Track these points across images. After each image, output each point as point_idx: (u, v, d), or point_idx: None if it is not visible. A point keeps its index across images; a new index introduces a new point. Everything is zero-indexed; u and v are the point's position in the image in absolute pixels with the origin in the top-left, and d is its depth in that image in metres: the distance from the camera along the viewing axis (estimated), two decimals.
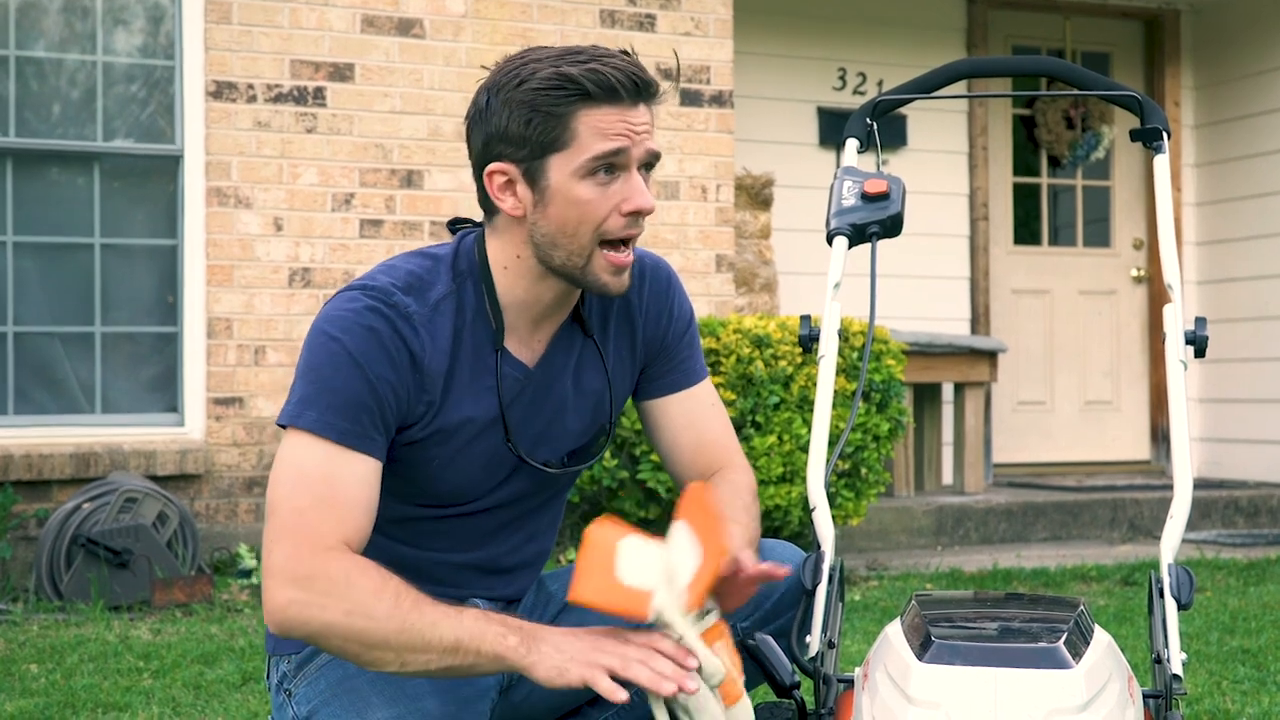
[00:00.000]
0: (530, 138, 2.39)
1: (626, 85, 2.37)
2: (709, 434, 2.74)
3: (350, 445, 2.36)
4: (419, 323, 2.43)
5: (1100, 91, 2.87)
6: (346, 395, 2.36)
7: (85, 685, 4.58)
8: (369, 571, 2.27)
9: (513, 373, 2.54)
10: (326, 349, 2.39)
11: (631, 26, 7.68)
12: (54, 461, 6.63)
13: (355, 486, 2.35)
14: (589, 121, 2.37)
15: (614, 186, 2.40)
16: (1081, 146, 10.06)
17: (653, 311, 2.69)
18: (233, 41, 7.03)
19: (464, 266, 2.52)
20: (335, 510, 2.32)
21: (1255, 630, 5.44)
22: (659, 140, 7.58)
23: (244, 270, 7.03)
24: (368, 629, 2.24)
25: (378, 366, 2.37)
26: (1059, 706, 1.94)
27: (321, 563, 2.27)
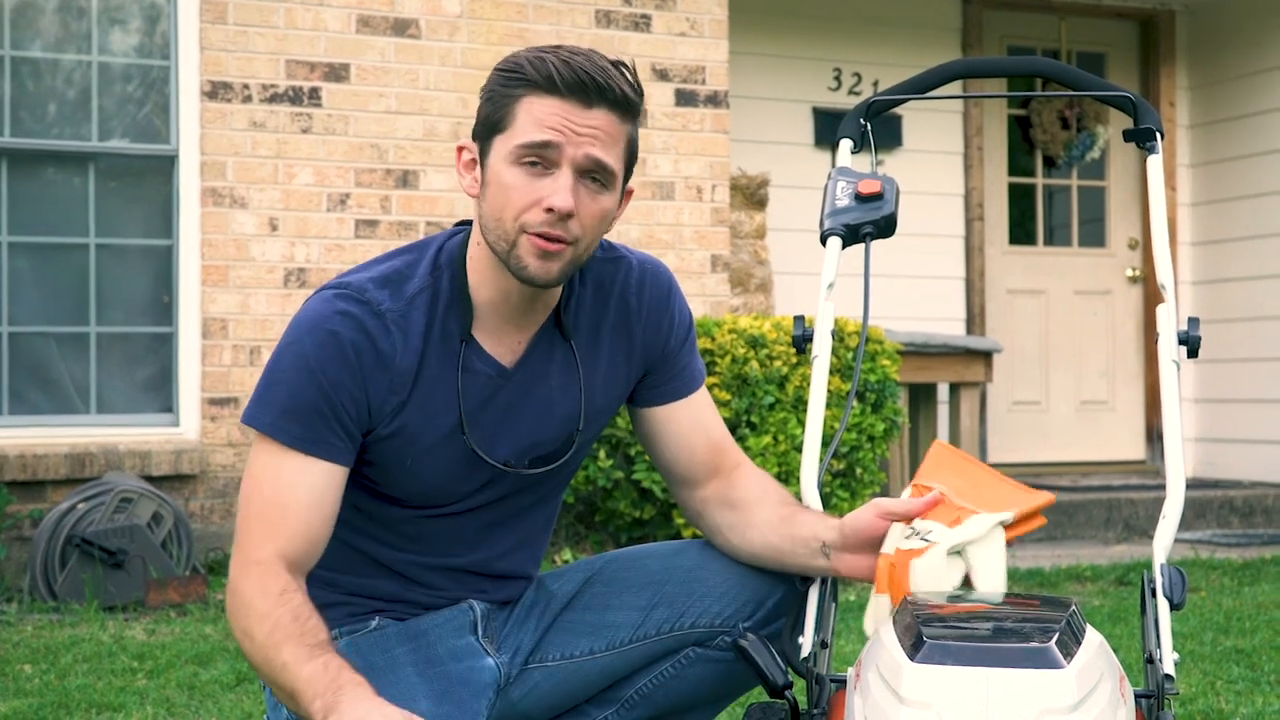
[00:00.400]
0: (485, 117, 2.44)
1: (569, 80, 2.36)
2: (716, 434, 2.74)
3: (303, 450, 2.40)
4: (391, 320, 2.44)
5: (1094, 92, 2.87)
6: (299, 400, 2.39)
7: (79, 685, 4.58)
8: (268, 595, 2.33)
9: (485, 369, 2.53)
10: (288, 351, 2.43)
11: (627, 27, 7.68)
12: (49, 462, 6.62)
13: (302, 492, 2.39)
14: (528, 108, 2.38)
15: (542, 181, 2.38)
16: (1077, 147, 10.06)
17: (652, 319, 2.66)
18: (228, 41, 7.03)
19: (444, 259, 2.53)
20: (273, 520, 2.38)
21: (1249, 630, 5.44)
22: (654, 140, 7.62)
23: (239, 270, 7.02)
24: (250, 652, 2.35)
25: (333, 372, 2.39)
26: (1051, 706, 1.94)
27: (242, 577, 2.37)
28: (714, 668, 2.67)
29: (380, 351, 2.42)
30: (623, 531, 6.65)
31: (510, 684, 2.69)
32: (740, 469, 2.73)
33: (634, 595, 2.63)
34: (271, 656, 2.29)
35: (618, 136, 2.43)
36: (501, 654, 2.69)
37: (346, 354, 2.40)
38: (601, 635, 2.67)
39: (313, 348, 2.40)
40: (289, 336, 2.44)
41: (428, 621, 2.64)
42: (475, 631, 2.67)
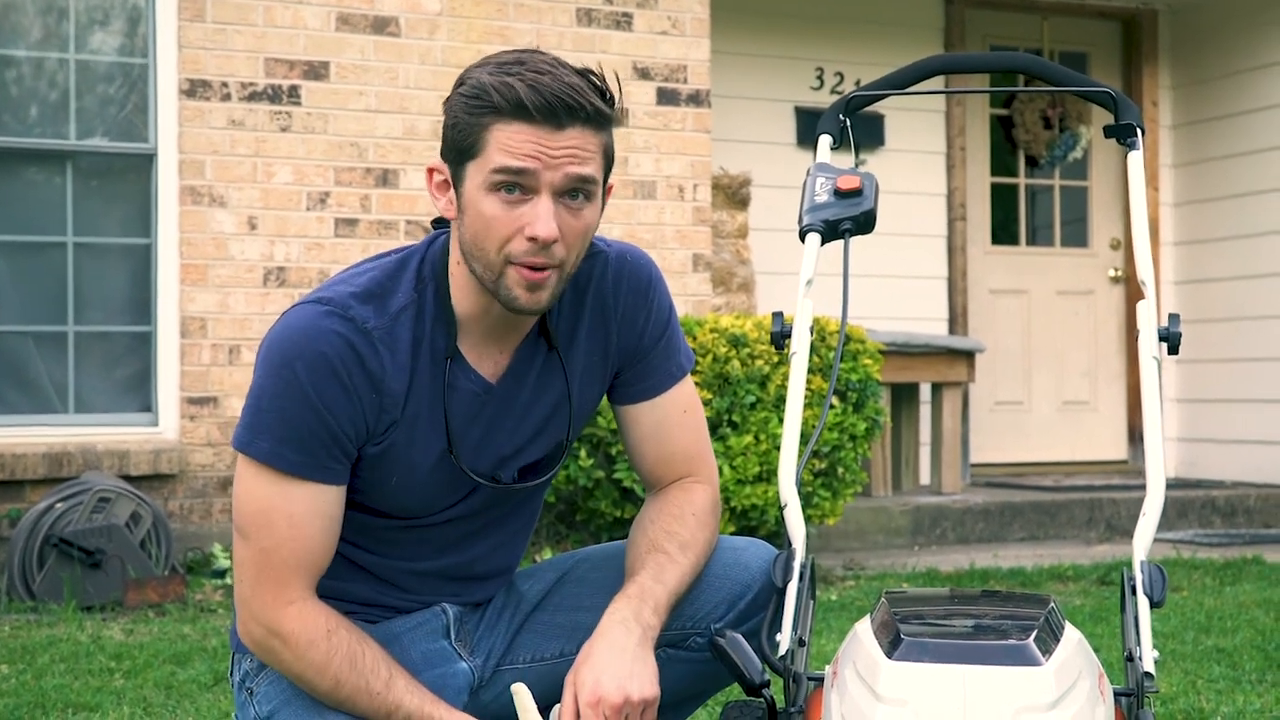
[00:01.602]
0: (453, 142, 2.38)
1: (538, 105, 2.29)
2: (674, 445, 2.68)
3: (306, 477, 2.37)
4: (378, 338, 2.39)
5: (1074, 88, 2.86)
6: (298, 426, 2.36)
7: (56, 685, 4.55)
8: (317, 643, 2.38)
9: (470, 386, 2.50)
10: (279, 375, 2.36)
11: (608, 25, 7.66)
12: (27, 461, 6.59)
13: (314, 520, 2.39)
14: (498, 136, 2.32)
15: (522, 208, 2.33)
16: (1059, 147, 10.07)
17: (629, 316, 2.62)
18: (206, 39, 7.00)
19: (427, 272, 2.48)
20: (296, 552, 2.38)
21: (1230, 630, 5.44)
22: (636, 139, 7.61)
23: (218, 269, 7.00)
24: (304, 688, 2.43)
25: (329, 397, 2.36)
26: (1028, 704, 1.93)
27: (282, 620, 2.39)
28: (688, 668, 2.65)
29: (369, 372, 2.39)
30: (604, 531, 6.64)
31: (482, 687, 2.67)
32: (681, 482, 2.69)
33: (605, 596, 2.60)
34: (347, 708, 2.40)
35: (594, 149, 2.37)
36: (475, 657, 2.67)
37: (339, 375, 2.36)
38: (573, 637, 2.64)
39: (304, 371, 2.34)
40: (275, 358, 2.37)
41: (400, 625, 2.62)
42: (448, 635, 2.66)
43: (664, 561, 2.55)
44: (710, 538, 2.64)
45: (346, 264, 7.02)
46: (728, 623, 2.62)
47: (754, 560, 2.67)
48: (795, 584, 2.43)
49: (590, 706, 2.34)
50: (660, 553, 2.56)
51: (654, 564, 2.55)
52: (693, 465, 2.70)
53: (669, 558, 2.56)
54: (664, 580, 2.52)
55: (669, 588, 2.52)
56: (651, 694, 2.37)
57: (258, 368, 2.40)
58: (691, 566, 2.59)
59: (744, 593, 2.63)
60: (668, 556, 2.56)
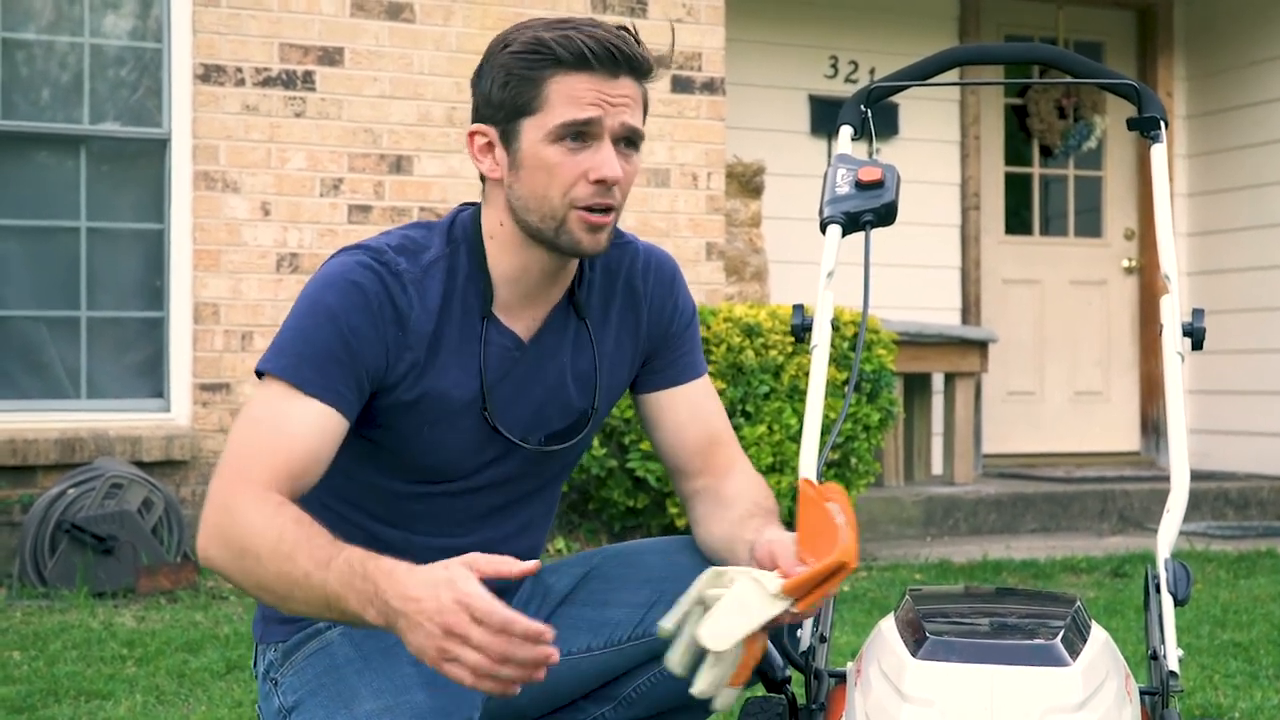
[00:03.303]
0: (506, 101, 2.43)
1: (600, 54, 2.39)
2: (715, 429, 2.69)
3: (313, 394, 2.37)
4: (408, 280, 2.45)
5: (1098, 80, 2.84)
6: (319, 346, 2.38)
7: (68, 673, 4.55)
8: (265, 509, 2.25)
9: (503, 342, 2.52)
10: (308, 301, 2.42)
11: (623, 12, 7.64)
12: (39, 447, 6.58)
13: (305, 429, 2.36)
14: (560, 88, 2.39)
15: (584, 154, 2.40)
16: (1073, 136, 10.03)
17: (657, 301, 2.67)
18: (221, 24, 6.98)
19: (458, 235, 2.54)
20: (273, 449, 2.33)
21: (1246, 624, 5.42)
22: (650, 127, 7.56)
23: (231, 255, 6.98)
24: (253, 571, 2.25)
25: (355, 319, 2.39)
26: (1056, 705, 1.91)
27: (233, 494, 2.29)
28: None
29: (398, 308, 2.43)
30: (616, 521, 6.62)
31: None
32: (734, 469, 2.68)
33: (632, 593, 2.59)
34: (287, 569, 2.21)
35: (640, 100, 2.47)
36: None
37: (370, 302, 2.40)
38: (600, 632, 2.63)
39: (335, 296, 2.40)
40: (308, 291, 2.44)
41: None
42: None
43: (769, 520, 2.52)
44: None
45: None
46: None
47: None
48: None
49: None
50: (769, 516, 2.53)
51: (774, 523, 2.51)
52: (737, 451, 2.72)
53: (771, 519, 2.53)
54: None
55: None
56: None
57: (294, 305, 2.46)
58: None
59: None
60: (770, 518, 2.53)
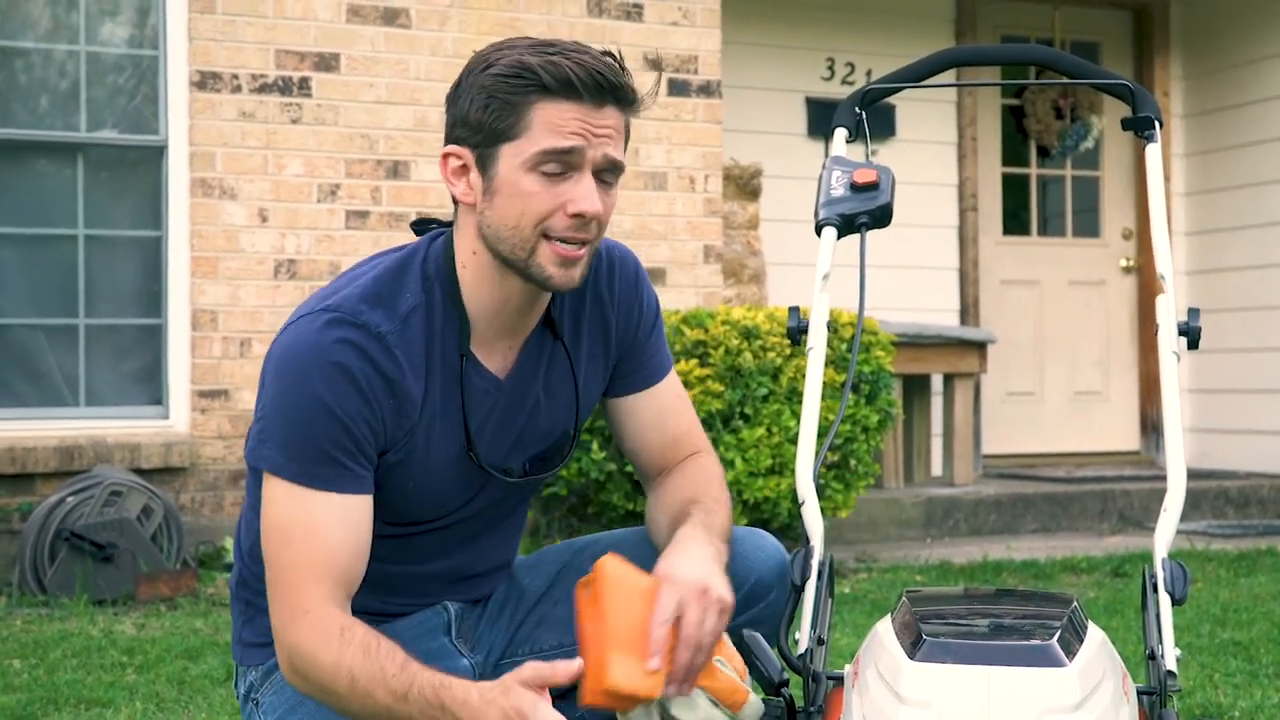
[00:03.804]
0: (485, 124, 2.34)
1: (586, 83, 2.30)
2: (678, 428, 2.68)
3: (332, 489, 2.32)
4: (392, 342, 2.36)
5: (1092, 80, 2.84)
6: (322, 439, 2.31)
7: (68, 680, 4.55)
8: (329, 644, 2.28)
9: (482, 384, 2.47)
10: (296, 390, 2.32)
11: (619, 16, 7.64)
12: (37, 454, 6.58)
13: (340, 528, 2.33)
14: (543, 115, 2.31)
15: (563, 185, 2.33)
16: (1070, 136, 10.03)
17: (624, 305, 2.62)
18: (217, 31, 6.98)
19: (432, 270, 2.45)
20: (316, 565, 2.31)
21: (1246, 622, 5.41)
22: (646, 130, 7.58)
23: (229, 262, 6.98)
24: (340, 707, 2.32)
25: (349, 405, 2.31)
26: (1053, 705, 1.91)
27: (295, 633, 2.31)
28: None
29: (387, 378, 2.35)
30: (616, 523, 6.62)
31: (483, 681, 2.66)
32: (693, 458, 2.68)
33: None
34: (369, 704, 2.26)
35: (623, 130, 2.39)
36: (476, 654, 2.66)
37: (359, 384, 2.32)
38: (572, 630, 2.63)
39: (323, 384, 2.30)
40: (290, 373, 2.33)
41: (401, 625, 2.60)
42: (449, 632, 2.65)
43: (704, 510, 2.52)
44: (730, 505, 2.63)
45: (357, 256, 7.02)
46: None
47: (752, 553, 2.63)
48: (814, 581, 2.41)
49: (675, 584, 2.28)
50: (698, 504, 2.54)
51: (697, 511, 2.52)
52: (695, 443, 2.71)
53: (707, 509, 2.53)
54: (712, 520, 2.50)
55: (719, 527, 2.50)
56: (726, 598, 2.30)
57: (269, 382, 2.35)
58: (728, 518, 2.56)
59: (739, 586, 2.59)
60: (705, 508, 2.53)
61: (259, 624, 2.50)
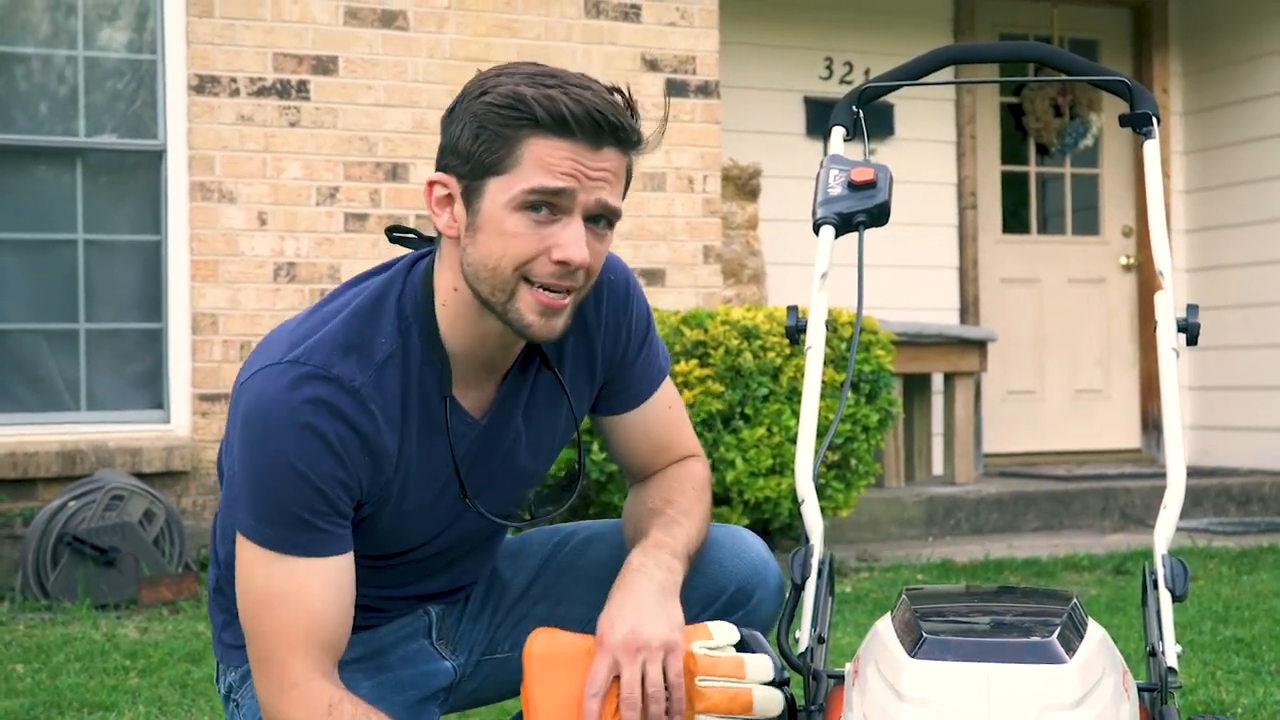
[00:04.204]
0: (474, 154, 2.19)
1: (584, 122, 2.16)
2: (664, 440, 2.64)
3: (310, 554, 2.23)
4: (367, 396, 2.24)
5: (1089, 77, 2.84)
6: (295, 505, 2.20)
7: (71, 685, 4.55)
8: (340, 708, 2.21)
9: (463, 427, 2.38)
10: (265, 452, 2.20)
11: (616, 17, 7.64)
12: (39, 459, 6.58)
13: (321, 595, 2.23)
14: (536, 151, 2.16)
15: (550, 229, 2.19)
16: (1070, 134, 10.03)
17: (611, 327, 2.50)
18: (215, 35, 6.98)
19: (409, 308, 2.31)
20: (301, 632, 2.22)
21: (1249, 620, 5.41)
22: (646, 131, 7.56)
23: (228, 265, 6.99)
24: None
25: (323, 467, 2.20)
26: (1053, 702, 1.91)
27: (283, 710, 2.23)
28: None
29: (363, 435, 2.23)
30: None
31: (464, 679, 2.66)
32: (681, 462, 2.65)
33: (584, 590, 2.56)
34: None
35: (622, 174, 2.25)
36: (457, 655, 2.66)
37: (332, 447, 2.20)
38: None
39: (294, 448, 2.18)
40: (259, 434, 2.20)
41: (382, 631, 2.59)
42: (429, 635, 2.64)
43: (668, 522, 2.48)
44: (707, 511, 2.59)
45: (357, 258, 7.04)
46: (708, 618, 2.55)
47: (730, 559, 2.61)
48: (814, 580, 2.41)
49: (603, 648, 2.25)
50: (663, 515, 2.50)
51: (660, 523, 2.48)
52: (684, 449, 2.67)
53: (672, 519, 2.49)
54: (674, 535, 2.46)
55: (680, 542, 2.45)
56: (667, 638, 2.24)
57: (239, 441, 2.23)
58: (696, 531, 2.52)
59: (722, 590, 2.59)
60: (670, 518, 2.49)
61: (237, 628, 2.43)
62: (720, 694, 2.25)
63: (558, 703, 2.23)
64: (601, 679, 2.22)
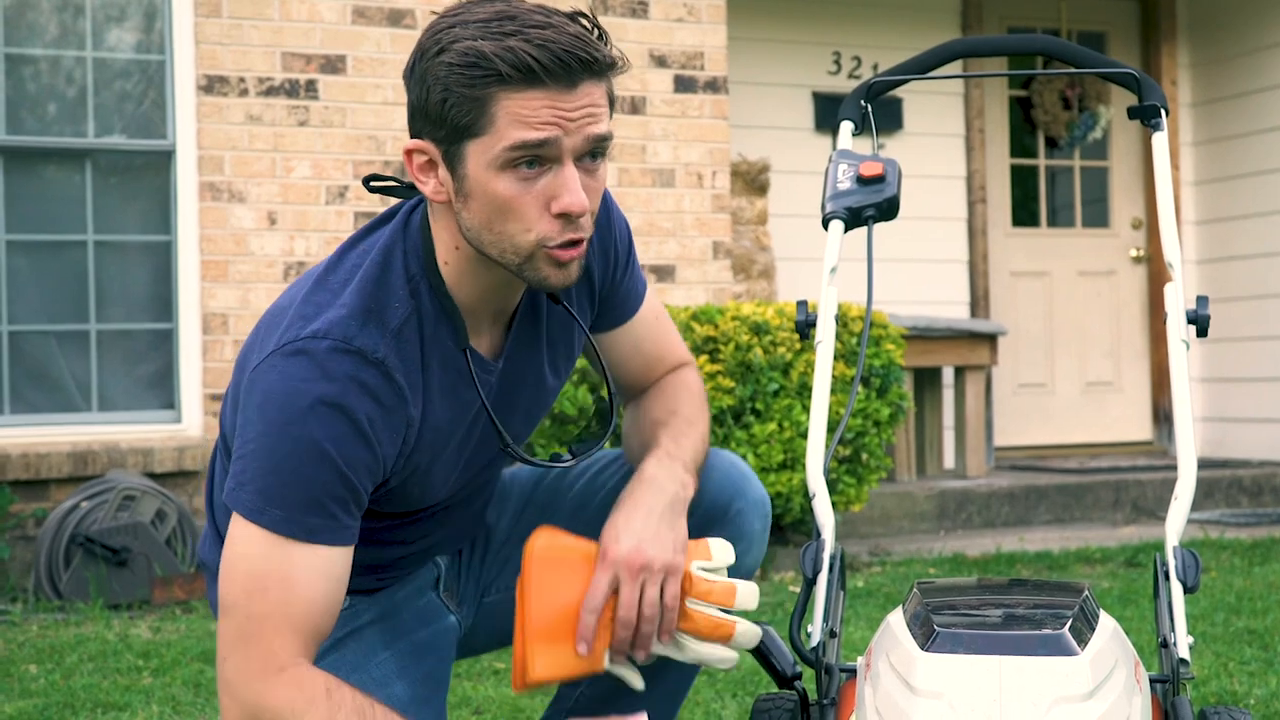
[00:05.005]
0: (447, 119, 2.11)
1: (551, 67, 2.05)
2: (656, 350, 2.63)
3: (316, 541, 2.13)
4: (391, 366, 2.17)
5: (1097, 69, 2.84)
6: (314, 487, 2.11)
7: (85, 685, 4.56)
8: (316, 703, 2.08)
9: (484, 375, 2.33)
10: (289, 434, 2.10)
11: (624, 14, 7.64)
12: (51, 460, 6.60)
13: (319, 585, 2.14)
14: (509, 107, 2.06)
15: (541, 182, 2.11)
16: (1079, 127, 10.02)
17: (601, 247, 2.46)
18: (223, 35, 6.99)
19: (415, 269, 2.26)
20: (291, 618, 2.11)
21: (1261, 611, 5.41)
22: (653, 127, 7.59)
23: (239, 265, 7.00)
24: None
25: (349, 450, 2.12)
26: (1065, 694, 1.91)
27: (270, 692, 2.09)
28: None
29: (389, 410, 2.16)
30: None
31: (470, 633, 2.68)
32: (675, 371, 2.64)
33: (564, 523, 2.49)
34: None
35: (605, 100, 2.14)
36: (462, 607, 2.66)
37: (361, 427, 2.13)
38: None
39: (320, 428, 2.09)
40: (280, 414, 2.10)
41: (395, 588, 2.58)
42: (437, 588, 2.63)
43: (676, 433, 2.47)
44: (707, 419, 2.58)
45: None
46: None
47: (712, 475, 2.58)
48: (825, 574, 2.41)
49: (605, 562, 2.24)
50: (669, 426, 2.49)
51: (668, 434, 2.46)
52: (675, 357, 2.66)
53: (679, 430, 2.48)
54: (682, 446, 2.45)
55: (689, 453, 2.45)
56: (669, 560, 2.24)
57: (256, 422, 2.13)
58: (701, 440, 2.51)
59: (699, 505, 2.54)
60: (678, 429, 2.48)
61: None
62: (706, 621, 2.28)
63: (553, 609, 2.23)
64: (600, 595, 2.23)
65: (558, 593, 2.24)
